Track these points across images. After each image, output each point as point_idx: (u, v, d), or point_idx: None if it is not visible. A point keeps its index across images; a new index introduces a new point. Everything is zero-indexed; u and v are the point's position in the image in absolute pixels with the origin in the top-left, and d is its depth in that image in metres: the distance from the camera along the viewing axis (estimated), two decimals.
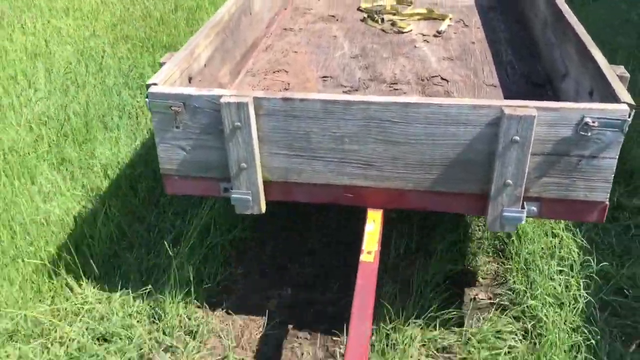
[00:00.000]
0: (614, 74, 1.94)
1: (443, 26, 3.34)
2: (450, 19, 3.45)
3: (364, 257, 1.91)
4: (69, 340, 2.28)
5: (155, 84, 1.98)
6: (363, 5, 3.69)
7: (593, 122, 1.76)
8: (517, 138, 1.78)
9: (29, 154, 3.38)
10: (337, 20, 3.54)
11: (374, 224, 2.03)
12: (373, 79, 2.78)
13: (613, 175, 1.85)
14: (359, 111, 1.88)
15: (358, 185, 2.03)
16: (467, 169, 1.93)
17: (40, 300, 2.46)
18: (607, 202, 1.90)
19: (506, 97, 2.57)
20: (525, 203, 1.94)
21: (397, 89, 2.67)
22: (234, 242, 2.79)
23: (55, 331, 2.32)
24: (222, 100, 1.90)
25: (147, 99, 1.96)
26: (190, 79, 2.26)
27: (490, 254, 2.70)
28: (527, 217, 1.97)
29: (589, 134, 1.78)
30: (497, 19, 3.47)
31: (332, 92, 2.63)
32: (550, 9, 2.73)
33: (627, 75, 1.98)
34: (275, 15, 3.49)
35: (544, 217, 2.00)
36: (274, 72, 2.87)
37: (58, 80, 4.23)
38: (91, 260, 2.59)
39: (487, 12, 3.59)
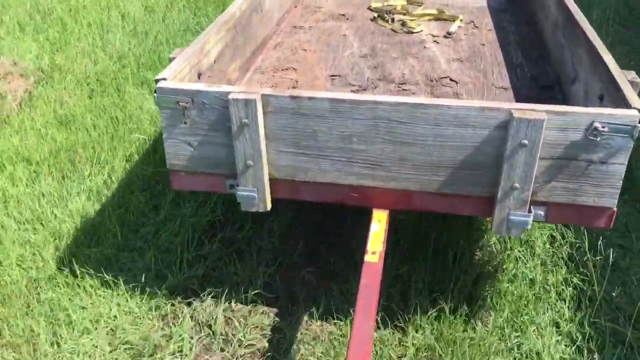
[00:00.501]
0: (625, 79, 1.92)
1: (453, 27, 3.32)
2: (461, 20, 3.44)
3: (368, 258, 1.91)
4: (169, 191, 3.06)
5: (164, 79, 1.98)
6: (373, 5, 3.68)
7: (603, 127, 1.74)
8: (526, 141, 1.77)
9: (116, 78, 4.33)
10: (347, 19, 3.53)
11: (379, 224, 2.02)
12: (382, 78, 2.77)
13: (621, 182, 1.84)
14: (367, 111, 1.88)
15: (364, 185, 2.03)
16: (474, 172, 1.92)
17: (146, 166, 3.30)
18: (615, 208, 1.89)
19: (516, 100, 2.56)
20: (532, 207, 1.93)
21: (405, 90, 2.66)
22: None
23: (159, 186, 3.16)
24: (230, 96, 1.90)
25: (155, 94, 1.97)
26: (199, 75, 2.26)
27: None
28: (533, 221, 1.96)
29: (598, 139, 1.77)
30: (508, 21, 3.45)
31: (340, 91, 2.63)
32: (561, 12, 2.71)
33: (639, 80, 1.97)
34: (285, 13, 3.49)
35: (551, 221, 1.99)
36: (282, 70, 2.87)
37: (131, 27, 5.17)
38: None
39: (498, 14, 3.57)
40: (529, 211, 1.91)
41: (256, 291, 2.46)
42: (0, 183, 3.18)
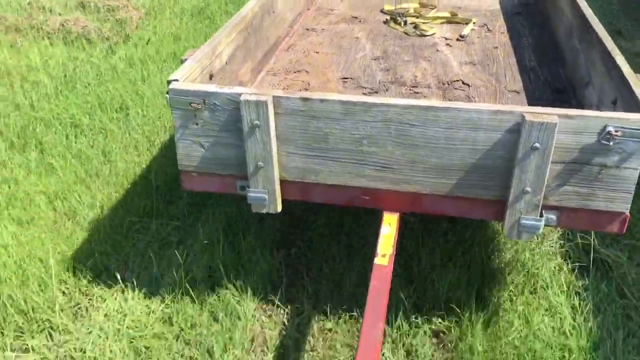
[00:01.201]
0: (639, 83, 1.90)
1: (466, 30, 3.31)
2: (474, 23, 3.43)
3: (378, 260, 1.91)
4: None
5: (176, 80, 2.00)
6: (386, 8, 3.68)
7: (616, 131, 1.73)
8: (538, 145, 1.76)
9: (206, 12, 5.89)
10: (360, 21, 3.53)
11: (389, 227, 2.02)
12: (394, 81, 2.77)
13: (634, 186, 1.82)
14: (379, 113, 1.88)
15: (375, 188, 2.03)
16: (485, 175, 1.91)
17: None
18: (628, 213, 1.87)
19: (528, 104, 2.54)
20: (544, 211, 1.91)
21: (417, 93, 2.66)
22: None
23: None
24: (242, 98, 1.90)
25: (167, 95, 1.98)
26: (211, 77, 2.27)
27: None
28: (545, 225, 1.94)
29: (611, 143, 1.75)
30: (522, 24, 3.44)
31: (352, 94, 2.63)
32: (575, 16, 2.69)
33: None
34: (298, 16, 3.50)
35: (563, 226, 1.97)
36: (294, 72, 2.87)
37: None
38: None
39: (511, 17, 3.55)
40: (541, 215, 1.90)
41: None
42: (139, 69, 4.57)
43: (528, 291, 2.49)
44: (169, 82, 1.99)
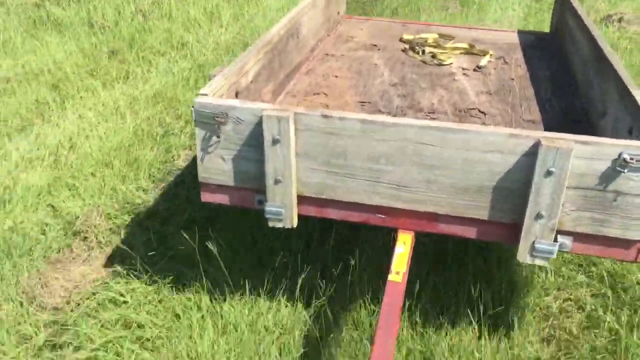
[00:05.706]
0: None
1: (483, 61, 3.37)
2: (491, 55, 3.49)
3: (392, 277, 1.93)
4: None
5: (204, 95, 2.06)
6: (405, 37, 3.76)
7: (631, 158, 1.76)
8: (553, 170, 1.79)
9: None
10: (379, 49, 3.61)
11: (404, 246, 2.04)
12: (411, 107, 2.82)
13: None
14: (396, 133, 1.92)
15: (390, 207, 2.06)
16: (500, 198, 1.94)
17: None
18: None
19: None
20: (558, 236, 1.93)
21: (434, 119, 2.70)
22: None
23: None
24: (264, 113, 1.96)
25: (193, 108, 2.04)
26: (237, 94, 2.34)
27: None
28: (559, 251, 1.96)
29: (626, 170, 1.78)
30: (538, 57, 3.49)
31: None
32: (591, 48, 2.74)
33: None
34: (319, 41, 3.58)
35: (577, 252, 1.98)
36: (313, 94, 2.94)
37: None
38: None
39: (528, 50, 3.62)
40: (555, 240, 1.92)
41: None
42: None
43: None
44: (196, 96, 2.06)
